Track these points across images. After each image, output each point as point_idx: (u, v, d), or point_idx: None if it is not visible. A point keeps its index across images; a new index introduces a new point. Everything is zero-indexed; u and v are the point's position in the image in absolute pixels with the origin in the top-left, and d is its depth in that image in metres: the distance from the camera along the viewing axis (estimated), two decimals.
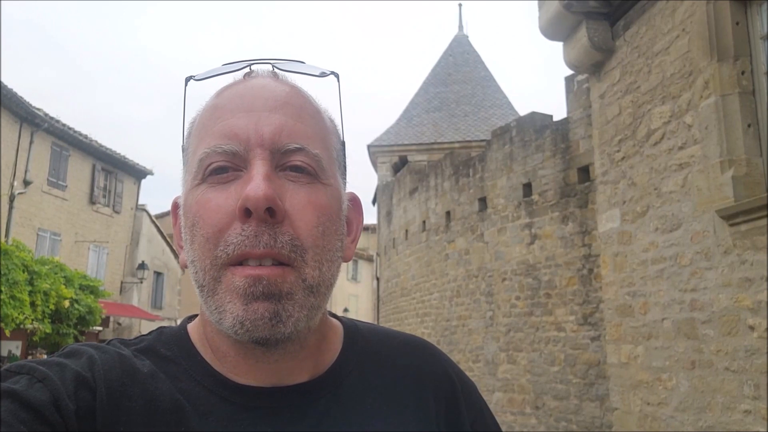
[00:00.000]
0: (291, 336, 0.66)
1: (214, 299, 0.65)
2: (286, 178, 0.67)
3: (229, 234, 0.64)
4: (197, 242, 0.66)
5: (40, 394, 0.59)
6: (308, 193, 0.67)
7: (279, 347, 0.68)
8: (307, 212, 0.66)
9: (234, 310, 0.63)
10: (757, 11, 4.90)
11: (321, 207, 0.67)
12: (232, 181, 0.66)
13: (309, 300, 0.66)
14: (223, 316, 0.64)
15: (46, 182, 16.91)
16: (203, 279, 0.66)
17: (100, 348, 0.69)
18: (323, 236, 0.67)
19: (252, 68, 0.74)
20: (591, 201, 9.13)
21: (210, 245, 0.65)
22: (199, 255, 0.66)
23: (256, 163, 0.65)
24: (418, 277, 14.47)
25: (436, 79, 21.64)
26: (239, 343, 0.68)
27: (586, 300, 9.25)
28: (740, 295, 4.74)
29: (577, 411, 9.19)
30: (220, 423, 0.66)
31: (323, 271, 0.67)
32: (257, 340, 0.64)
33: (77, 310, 13.98)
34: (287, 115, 0.69)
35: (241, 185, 0.65)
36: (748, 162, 4.78)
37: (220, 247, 0.64)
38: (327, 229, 0.68)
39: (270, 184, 0.63)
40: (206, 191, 0.67)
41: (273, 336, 0.64)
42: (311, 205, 0.66)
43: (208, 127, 0.69)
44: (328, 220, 0.68)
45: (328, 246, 0.68)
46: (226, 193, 0.65)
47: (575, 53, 7.00)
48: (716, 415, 4.97)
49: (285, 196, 0.65)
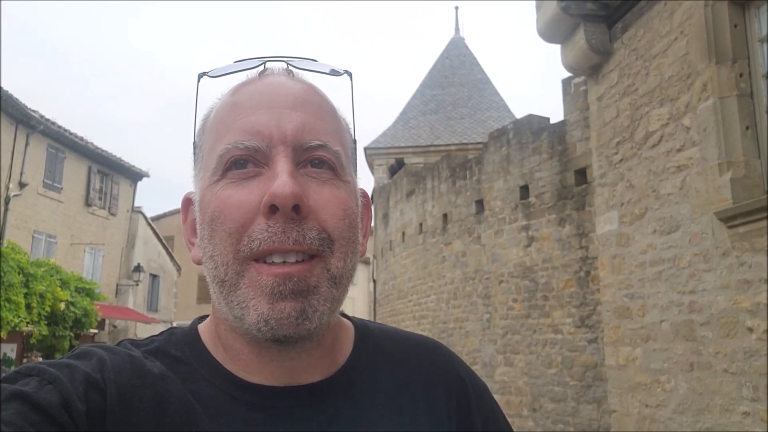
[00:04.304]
0: (315, 332, 0.66)
1: (237, 294, 0.65)
2: (308, 175, 0.67)
3: (252, 230, 0.64)
4: (218, 237, 0.66)
5: (50, 396, 0.59)
6: (331, 188, 0.68)
7: (297, 345, 0.68)
8: (332, 206, 0.67)
9: (259, 308, 0.63)
10: (755, 14, 4.92)
11: (344, 201, 0.68)
12: (254, 178, 0.66)
13: (332, 292, 0.66)
14: (245, 312, 0.64)
15: (41, 184, 16.86)
16: (225, 274, 0.65)
17: (110, 349, 0.68)
18: (349, 229, 0.68)
19: (266, 66, 0.74)
20: (588, 203, 9.15)
21: (233, 240, 0.64)
22: (220, 250, 0.65)
23: (279, 160, 0.65)
24: (415, 279, 14.47)
25: (433, 81, 21.70)
26: (255, 341, 0.68)
27: (584, 302, 9.26)
28: (739, 296, 4.75)
29: (575, 413, 9.19)
30: (232, 423, 0.66)
31: (347, 263, 0.68)
32: (279, 338, 0.64)
33: (73, 313, 13.95)
34: (307, 112, 0.69)
35: (264, 182, 0.65)
36: (747, 164, 4.80)
37: (244, 242, 0.64)
38: (352, 222, 0.69)
39: (296, 181, 0.64)
40: (226, 187, 0.66)
41: (297, 333, 0.64)
42: (336, 199, 0.67)
43: (227, 123, 0.69)
44: (353, 214, 0.70)
45: (353, 238, 0.69)
46: (248, 189, 0.65)
47: (573, 55, 7.01)
48: (715, 416, 4.98)
49: (309, 192, 0.66)
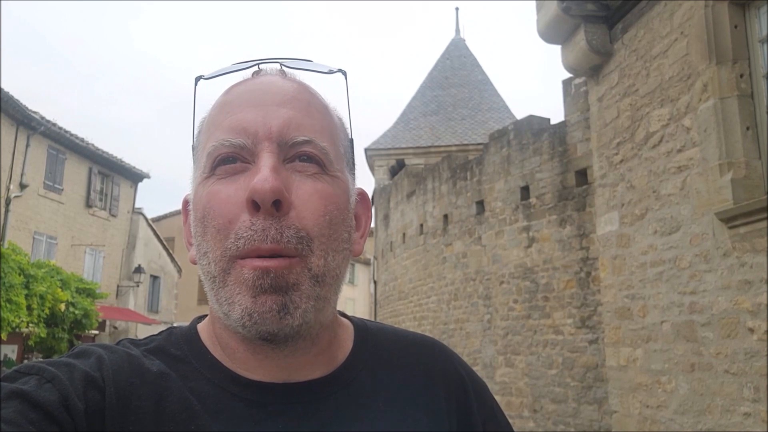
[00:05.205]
0: (300, 330, 0.66)
1: (224, 291, 0.65)
2: (294, 169, 0.68)
3: (239, 227, 0.64)
4: (209, 233, 0.67)
5: (49, 395, 0.59)
6: (314, 183, 0.68)
7: (288, 344, 0.68)
8: (313, 201, 0.67)
9: (243, 302, 0.64)
10: (755, 14, 4.92)
11: (327, 196, 0.68)
12: (241, 173, 0.67)
13: (315, 290, 0.66)
14: (232, 308, 0.64)
15: (42, 186, 16.88)
16: (215, 270, 0.66)
17: (109, 348, 0.69)
18: (329, 225, 0.67)
19: (260, 67, 0.76)
20: (589, 204, 9.15)
21: (221, 236, 0.65)
22: (212, 246, 0.66)
23: (263, 156, 0.66)
24: (416, 280, 14.47)
25: (433, 82, 21.71)
26: (248, 339, 0.68)
27: (584, 303, 9.25)
28: (739, 297, 4.75)
29: (575, 414, 9.19)
30: (231, 421, 0.66)
31: (328, 261, 0.67)
32: (265, 334, 0.65)
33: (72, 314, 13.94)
34: (295, 109, 0.70)
35: (249, 177, 0.65)
36: (747, 165, 4.80)
37: (231, 239, 0.64)
38: (334, 219, 0.68)
39: (277, 176, 0.64)
40: (215, 183, 0.68)
41: (281, 330, 0.64)
42: (317, 194, 0.67)
43: (217, 122, 0.71)
44: (336, 209, 0.69)
45: (334, 235, 0.68)
46: (235, 184, 0.66)
47: (573, 56, 7.02)
48: (716, 417, 4.97)
49: (291, 187, 0.66)
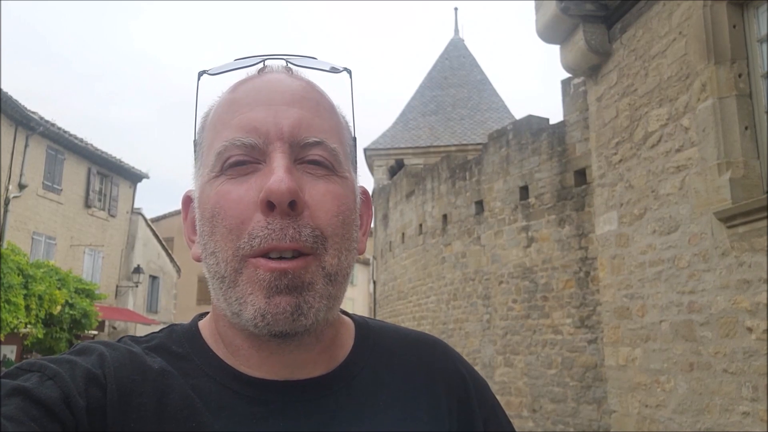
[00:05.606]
0: (311, 328, 0.66)
1: (235, 290, 0.65)
2: (304, 170, 0.67)
3: (253, 227, 0.64)
4: (219, 233, 0.66)
5: (51, 392, 0.59)
6: (326, 184, 0.68)
7: (295, 339, 0.68)
8: (326, 202, 0.67)
9: (256, 302, 0.64)
10: (754, 14, 4.92)
11: (339, 197, 0.68)
12: (251, 173, 0.66)
13: (328, 289, 0.67)
14: (243, 308, 0.64)
15: (41, 186, 16.85)
16: (224, 270, 0.66)
17: (110, 345, 0.69)
18: (342, 225, 0.68)
19: (266, 64, 0.75)
20: (588, 204, 9.16)
21: (233, 236, 0.65)
22: (221, 246, 0.66)
23: (276, 156, 0.66)
24: (415, 280, 14.47)
25: (433, 82, 21.71)
26: (254, 335, 0.68)
27: (583, 303, 9.26)
28: (738, 296, 4.75)
29: (574, 414, 9.19)
30: (233, 418, 0.66)
31: (341, 260, 0.68)
32: (276, 333, 0.65)
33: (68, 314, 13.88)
34: (305, 109, 0.69)
35: (261, 177, 0.65)
36: (746, 164, 4.80)
37: (244, 239, 0.64)
38: (346, 219, 0.69)
39: (292, 177, 0.64)
40: (225, 183, 0.67)
41: (293, 329, 0.65)
42: (330, 194, 0.67)
43: (225, 120, 0.70)
44: (347, 209, 0.69)
45: (346, 235, 0.69)
46: (246, 185, 0.66)
47: (572, 56, 7.02)
48: (714, 417, 4.98)
49: (304, 188, 0.66)
